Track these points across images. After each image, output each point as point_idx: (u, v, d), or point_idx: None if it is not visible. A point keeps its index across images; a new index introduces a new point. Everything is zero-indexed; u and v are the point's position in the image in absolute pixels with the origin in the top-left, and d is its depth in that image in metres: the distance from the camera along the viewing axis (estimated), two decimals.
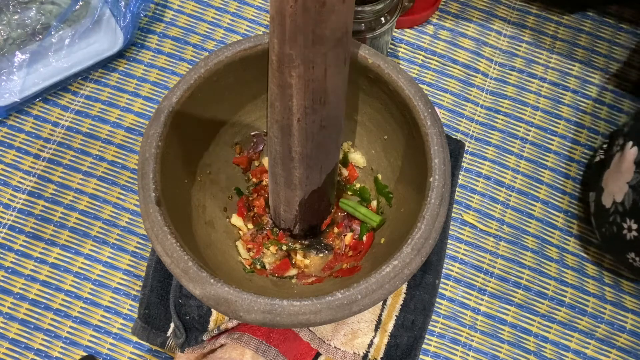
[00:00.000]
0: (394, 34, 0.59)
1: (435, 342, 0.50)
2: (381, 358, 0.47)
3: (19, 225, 0.52)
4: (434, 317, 0.50)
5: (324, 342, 0.46)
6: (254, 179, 0.48)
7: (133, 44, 0.58)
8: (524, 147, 0.56)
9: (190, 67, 0.54)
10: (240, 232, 0.46)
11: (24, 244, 0.52)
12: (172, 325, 0.47)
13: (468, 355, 0.50)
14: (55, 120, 0.56)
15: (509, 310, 0.51)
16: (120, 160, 0.54)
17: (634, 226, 0.44)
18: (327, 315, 0.33)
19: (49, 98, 0.56)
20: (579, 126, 0.57)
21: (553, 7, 0.61)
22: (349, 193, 0.48)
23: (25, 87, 0.54)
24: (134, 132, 0.55)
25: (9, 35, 0.55)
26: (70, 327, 0.50)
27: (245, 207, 0.47)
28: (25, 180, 0.54)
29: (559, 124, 0.57)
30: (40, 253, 0.51)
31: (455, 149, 0.53)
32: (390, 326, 0.47)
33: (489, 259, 0.52)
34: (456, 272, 0.52)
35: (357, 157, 0.47)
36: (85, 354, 0.49)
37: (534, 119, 0.57)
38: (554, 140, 0.57)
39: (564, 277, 0.52)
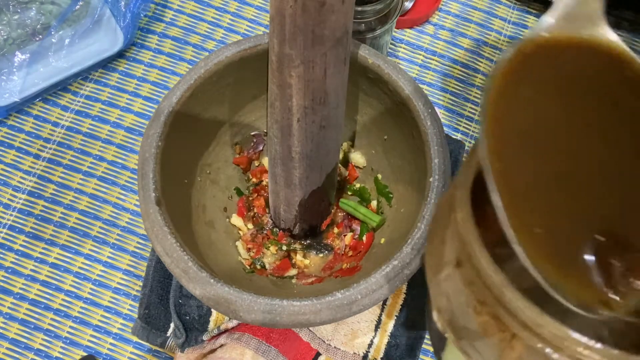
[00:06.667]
0: (394, 34, 0.59)
1: None
2: (381, 358, 0.47)
3: (19, 225, 0.52)
4: None
5: (324, 342, 0.46)
6: (254, 179, 0.48)
7: (133, 44, 0.58)
8: None
9: (190, 67, 0.54)
10: (240, 232, 0.46)
11: (24, 244, 0.52)
12: (172, 325, 0.47)
13: None
14: (55, 120, 0.56)
15: None
16: (120, 160, 0.54)
17: None
18: (327, 315, 0.33)
19: (49, 98, 0.56)
20: None
21: None
22: (349, 193, 0.48)
23: (25, 87, 0.54)
24: (134, 132, 0.55)
25: (9, 35, 0.55)
26: (70, 327, 0.50)
27: (245, 207, 0.47)
28: (25, 180, 0.54)
29: None
30: (40, 253, 0.51)
31: (455, 149, 0.53)
32: (390, 326, 0.47)
33: None
34: None
35: (357, 157, 0.47)
36: (85, 354, 0.49)
37: None
38: None
39: None
